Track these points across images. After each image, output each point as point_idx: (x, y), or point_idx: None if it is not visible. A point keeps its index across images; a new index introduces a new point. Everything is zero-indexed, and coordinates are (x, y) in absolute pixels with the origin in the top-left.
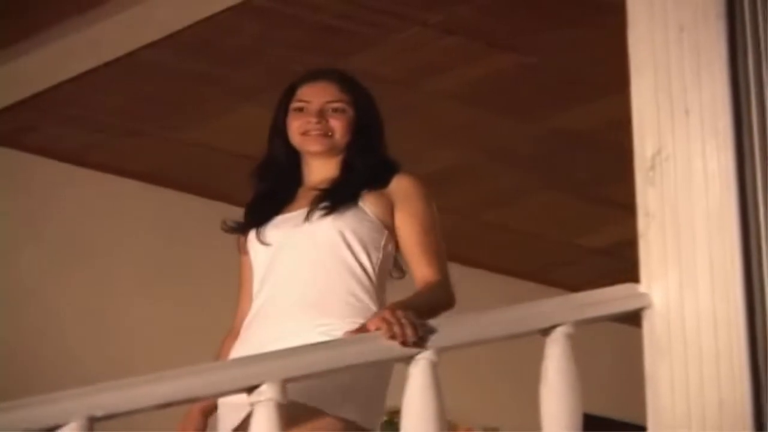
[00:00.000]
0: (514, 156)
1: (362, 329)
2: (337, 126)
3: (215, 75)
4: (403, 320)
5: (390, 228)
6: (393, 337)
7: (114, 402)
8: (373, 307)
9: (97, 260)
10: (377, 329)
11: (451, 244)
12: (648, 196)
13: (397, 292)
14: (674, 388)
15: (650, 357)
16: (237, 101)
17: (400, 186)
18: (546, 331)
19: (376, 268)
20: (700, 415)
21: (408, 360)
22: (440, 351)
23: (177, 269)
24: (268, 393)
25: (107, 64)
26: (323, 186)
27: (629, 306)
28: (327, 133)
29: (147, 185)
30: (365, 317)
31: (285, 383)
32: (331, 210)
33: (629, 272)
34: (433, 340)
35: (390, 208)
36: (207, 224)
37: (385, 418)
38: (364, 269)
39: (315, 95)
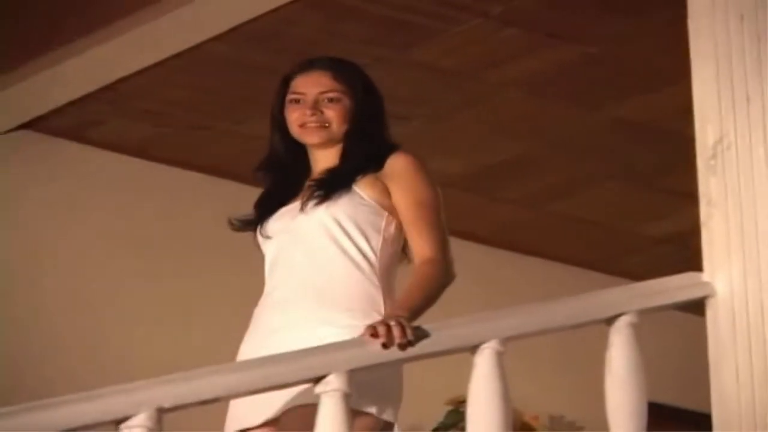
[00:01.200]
0: (578, 146)
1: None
2: (333, 116)
3: (279, 68)
4: (393, 323)
5: (390, 209)
6: (373, 335)
7: (181, 393)
8: (374, 292)
9: (162, 252)
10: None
11: (515, 234)
12: (710, 185)
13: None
14: (738, 376)
15: (714, 346)
16: None
17: (392, 165)
18: (610, 321)
19: (377, 252)
20: (765, 403)
21: (474, 349)
22: (505, 341)
23: (240, 261)
24: (334, 383)
25: (172, 58)
26: (320, 176)
27: (692, 295)
28: (324, 124)
29: (211, 178)
30: (366, 303)
31: (350, 374)
32: (324, 198)
33: (692, 260)
34: (499, 330)
35: (386, 190)
36: None
37: (450, 407)
38: (363, 254)
39: (309, 86)
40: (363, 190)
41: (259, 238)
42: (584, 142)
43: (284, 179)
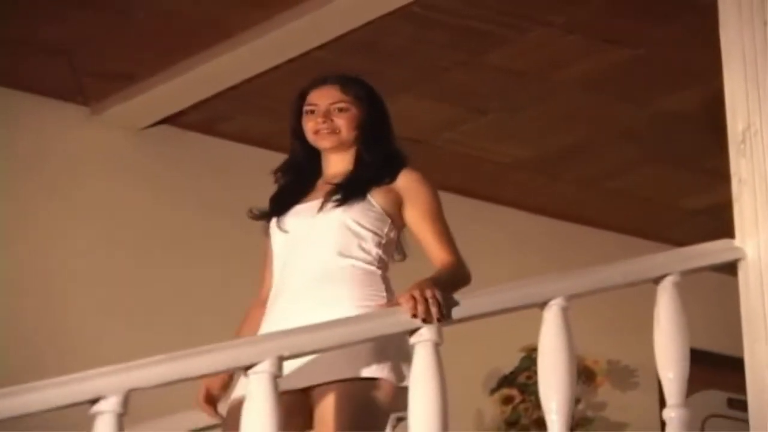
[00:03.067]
0: (628, 134)
1: (393, 303)
2: (342, 124)
3: (375, 70)
4: (430, 299)
5: (393, 217)
6: (415, 315)
7: (300, 344)
8: (376, 283)
9: None
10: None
11: (577, 208)
12: (740, 165)
13: (402, 273)
14: (766, 324)
15: (745, 301)
16: (394, 93)
17: (406, 182)
18: (657, 280)
19: (381, 251)
20: None
21: (543, 306)
22: (570, 298)
23: None
24: (426, 335)
25: (286, 62)
26: (337, 179)
27: (726, 258)
28: (335, 131)
29: None
30: (369, 291)
31: (441, 327)
32: (341, 203)
33: (726, 229)
34: (565, 289)
35: (397, 201)
36: None
37: (524, 354)
38: (367, 252)
39: (321, 98)
40: (375, 198)
41: (274, 230)
42: (633, 131)
43: (298, 180)
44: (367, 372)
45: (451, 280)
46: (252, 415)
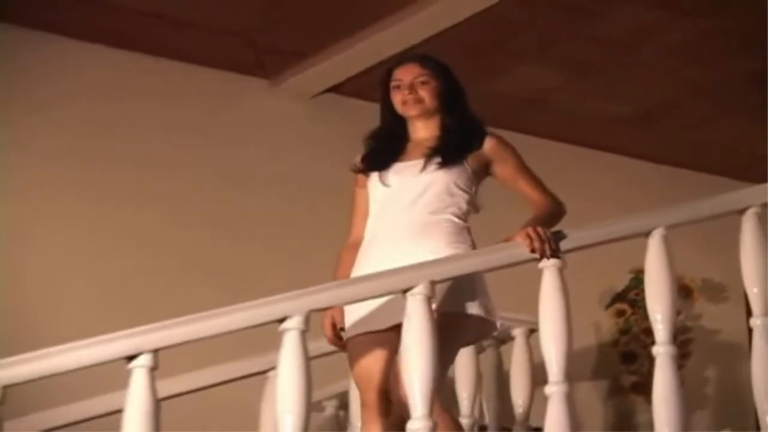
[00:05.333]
0: (710, 92)
1: (508, 239)
2: (425, 94)
3: (501, 43)
4: (543, 236)
5: (479, 177)
6: (533, 250)
7: (447, 270)
8: (464, 230)
9: None
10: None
11: (669, 154)
12: None
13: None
14: None
15: None
16: (516, 62)
17: (491, 147)
18: (742, 211)
19: (468, 204)
20: None
21: (647, 234)
22: (669, 227)
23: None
24: (552, 261)
25: (432, 37)
26: (429, 143)
27: None
28: (419, 101)
29: None
30: (458, 237)
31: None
32: (442, 165)
33: None
34: (665, 220)
35: (483, 163)
36: None
37: (632, 275)
38: (459, 207)
39: (405, 74)
40: (469, 164)
41: (376, 183)
42: (714, 90)
43: (391, 143)
44: (470, 309)
45: (551, 217)
46: (412, 330)
